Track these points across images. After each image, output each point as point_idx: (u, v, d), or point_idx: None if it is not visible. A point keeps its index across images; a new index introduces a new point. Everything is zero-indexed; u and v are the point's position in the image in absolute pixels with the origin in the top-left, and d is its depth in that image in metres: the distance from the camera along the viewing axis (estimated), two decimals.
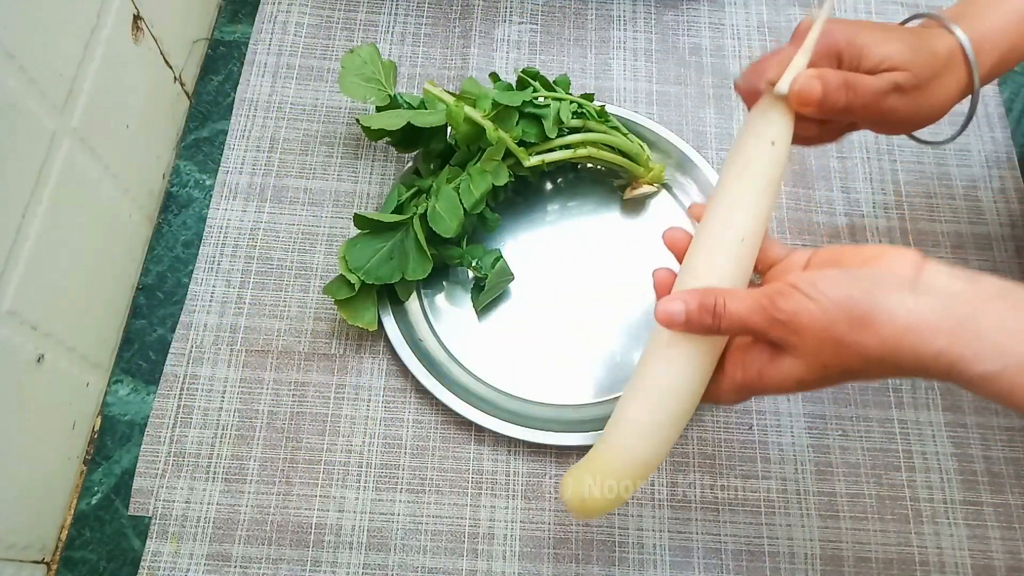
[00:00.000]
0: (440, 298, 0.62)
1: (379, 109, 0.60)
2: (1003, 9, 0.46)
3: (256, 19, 0.72)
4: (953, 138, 0.52)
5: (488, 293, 0.59)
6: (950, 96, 0.46)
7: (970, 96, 0.47)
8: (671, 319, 0.40)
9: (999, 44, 0.46)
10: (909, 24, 0.49)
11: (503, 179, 0.58)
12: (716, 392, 0.43)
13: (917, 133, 0.49)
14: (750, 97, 0.44)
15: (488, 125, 0.56)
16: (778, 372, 0.39)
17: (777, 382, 0.39)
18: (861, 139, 0.70)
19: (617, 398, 0.59)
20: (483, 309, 0.61)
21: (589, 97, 0.61)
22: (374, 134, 0.59)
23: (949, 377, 0.36)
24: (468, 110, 0.56)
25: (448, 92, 0.59)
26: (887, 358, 0.36)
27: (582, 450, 0.57)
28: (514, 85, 0.60)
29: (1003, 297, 0.36)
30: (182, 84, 0.67)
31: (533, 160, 0.59)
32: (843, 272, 0.38)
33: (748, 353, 0.41)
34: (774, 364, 0.39)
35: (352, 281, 0.55)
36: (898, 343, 0.35)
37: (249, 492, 0.55)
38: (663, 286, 0.44)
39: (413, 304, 0.61)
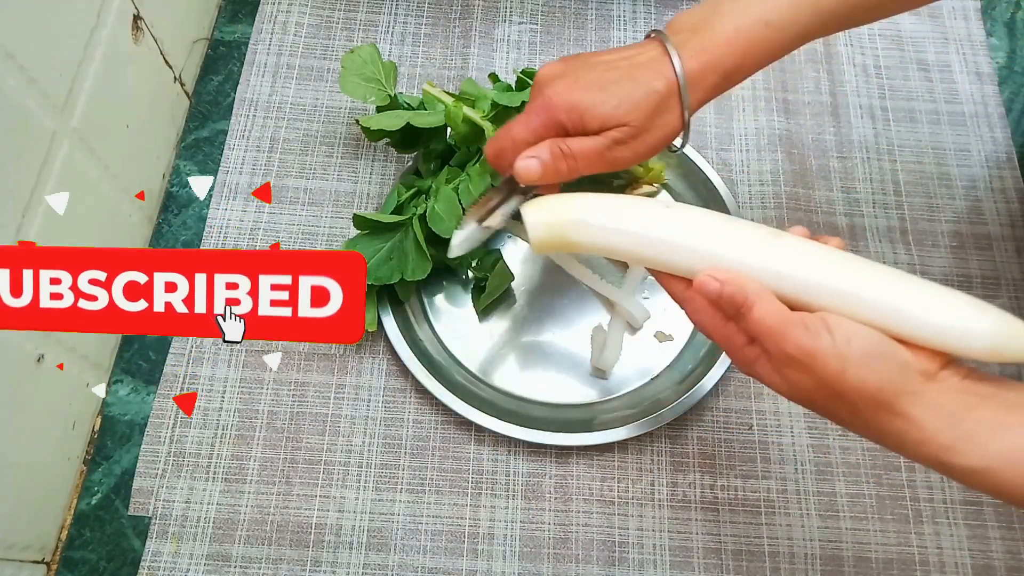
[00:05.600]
0: (440, 298, 0.62)
1: (379, 109, 0.60)
2: (731, 25, 0.43)
3: (256, 19, 0.72)
4: (678, 149, 0.51)
5: (489, 294, 0.59)
6: (672, 130, 0.45)
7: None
8: (704, 288, 0.39)
9: (719, 67, 0.43)
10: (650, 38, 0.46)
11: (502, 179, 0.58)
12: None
13: None
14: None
15: (487, 126, 0.56)
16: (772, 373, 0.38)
17: (766, 377, 0.38)
18: (861, 139, 0.70)
19: (617, 398, 0.59)
20: (484, 310, 0.61)
21: None
22: (374, 134, 0.59)
23: (941, 469, 0.36)
24: (467, 111, 0.56)
25: (448, 92, 0.59)
26: (872, 424, 0.37)
27: (582, 450, 0.57)
28: (513, 86, 0.60)
29: (993, 397, 0.36)
30: (182, 84, 0.67)
31: None
32: (879, 340, 0.36)
33: None
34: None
35: None
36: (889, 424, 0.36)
37: (249, 492, 0.55)
38: None
39: (413, 304, 0.61)
